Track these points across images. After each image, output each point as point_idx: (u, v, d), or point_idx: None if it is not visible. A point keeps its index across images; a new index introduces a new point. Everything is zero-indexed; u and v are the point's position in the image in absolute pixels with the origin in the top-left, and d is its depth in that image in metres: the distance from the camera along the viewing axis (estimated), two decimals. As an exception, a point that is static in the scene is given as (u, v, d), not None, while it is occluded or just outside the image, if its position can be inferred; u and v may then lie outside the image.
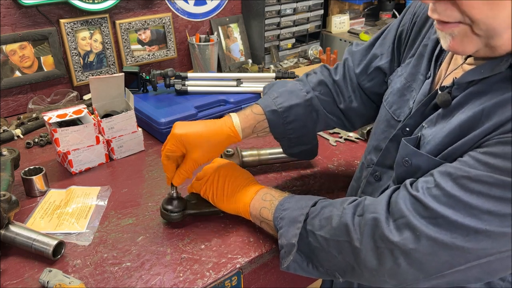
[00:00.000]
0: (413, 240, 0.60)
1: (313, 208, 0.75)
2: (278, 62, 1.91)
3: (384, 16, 2.45)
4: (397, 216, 0.63)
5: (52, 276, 0.75)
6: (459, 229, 0.58)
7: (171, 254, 0.83)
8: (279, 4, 1.84)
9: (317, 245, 0.72)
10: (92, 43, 1.53)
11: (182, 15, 1.73)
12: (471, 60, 0.67)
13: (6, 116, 1.41)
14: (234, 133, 0.88)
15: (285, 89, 0.95)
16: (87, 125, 1.08)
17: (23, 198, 0.99)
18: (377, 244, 0.64)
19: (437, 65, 0.75)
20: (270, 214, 0.81)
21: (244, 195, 0.87)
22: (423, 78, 0.77)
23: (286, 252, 0.75)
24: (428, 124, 0.70)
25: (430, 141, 0.67)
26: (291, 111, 0.92)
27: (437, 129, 0.67)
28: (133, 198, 1.00)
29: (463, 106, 0.64)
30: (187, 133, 0.84)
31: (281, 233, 0.77)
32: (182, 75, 1.42)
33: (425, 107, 0.72)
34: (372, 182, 0.83)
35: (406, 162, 0.69)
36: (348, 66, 0.97)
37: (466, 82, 0.65)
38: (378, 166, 0.82)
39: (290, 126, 0.93)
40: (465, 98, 0.64)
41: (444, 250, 0.59)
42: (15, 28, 1.38)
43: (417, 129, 0.72)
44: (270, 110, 0.91)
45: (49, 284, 0.74)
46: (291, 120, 0.92)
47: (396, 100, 0.81)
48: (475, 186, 0.57)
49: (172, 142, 0.84)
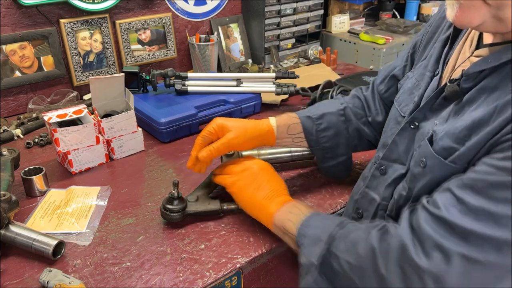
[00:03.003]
0: (444, 263, 0.56)
1: (340, 230, 0.71)
2: (278, 62, 1.91)
3: (384, 16, 2.45)
4: (423, 239, 0.59)
5: (52, 276, 0.75)
6: (490, 243, 0.54)
7: (171, 254, 0.83)
8: (279, 4, 1.84)
9: (340, 269, 0.68)
10: (92, 43, 1.53)
11: (182, 15, 1.73)
12: (478, 52, 0.67)
13: (6, 116, 1.41)
14: (270, 128, 0.94)
15: (321, 103, 1.04)
16: (87, 125, 1.08)
17: (23, 198, 0.99)
18: (404, 271, 0.60)
19: (445, 62, 0.76)
20: (295, 229, 0.77)
21: (271, 203, 0.84)
22: (430, 74, 0.77)
23: (306, 271, 0.72)
24: (440, 120, 0.69)
25: (443, 138, 0.66)
26: (324, 118, 0.97)
27: (449, 125, 0.66)
28: (133, 198, 1.00)
29: (474, 101, 0.64)
30: (228, 122, 0.91)
31: (302, 250, 0.74)
32: (182, 75, 1.42)
33: (434, 100, 0.72)
34: (377, 176, 0.83)
35: (422, 162, 0.68)
36: (375, 81, 1.02)
37: (474, 72, 0.64)
38: (384, 160, 0.81)
39: (323, 134, 0.96)
40: (476, 94, 0.64)
41: (477, 269, 0.55)
42: (15, 28, 1.38)
43: (428, 125, 0.72)
44: (305, 115, 0.97)
45: (49, 284, 0.74)
46: (325, 127, 0.96)
47: (405, 98, 0.82)
48: (498, 193, 0.54)
49: (213, 125, 0.91)
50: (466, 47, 0.72)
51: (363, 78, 1.60)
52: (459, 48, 0.74)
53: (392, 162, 0.80)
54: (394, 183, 0.78)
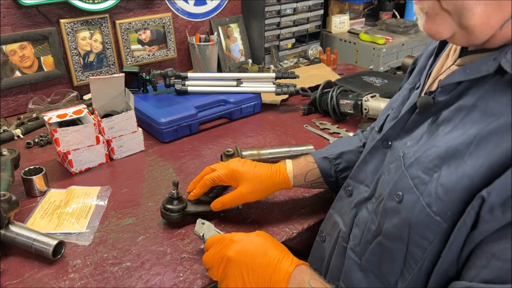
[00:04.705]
0: None
1: None
2: (278, 62, 1.91)
3: (384, 16, 2.45)
4: None
5: (206, 230, 0.78)
6: None
7: (171, 254, 0.83)
8: (279, 4, 1.84)
9: None
10: (92, 43, 1.53)
11: (182, 15, 1.73)
12: (461, 60, 0.61)
13: (6, 116, 1.42)
14: (286, 180, 0.87)
15: (339, 140, 0.96)
16: (87, 125, 1.08)
17: (23, 198, 0.99)
18: None
19: (427, 75, 0.69)
20: None
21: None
22: (409, 86, 0.73)
23: None
24: (412, 141, 0.62)
25: (412, 165, 0.58)
26: (343, 158, 0.90)
27: (420, 148, 0.59)
28: (133, 198, 1.00)
29: (450, 121, 0.57)
30: (241, 170, 0.85)
31: None
32: (182, 75, 1.42)
33: (408, 116, 0.66)
34: (343, 197, 0.77)
35: (398, 197, 0.58)
36: None
37: (450, 84, 0.58)
38: (352, 180, 0.75)
39: (343, 174, 0.90)
40: (454, 112, 0.57)
41: None
42: (15, 28, 1.38)
43: (400, 145, 0.65)
44: (321, 157, 0.90)
45: (205, 237, 0.78)
46: (343, 167, 0.90)
47: (384, 113, 0.78)
48: None
49: (225, 172, 0.86)
50: (450, 54, 0.66)
51: (363, 78, 1.60)
52: (444, 57, 0.68)
53: (359, 183, 0.73)
54: (356, 207, 0.71)
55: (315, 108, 1.44)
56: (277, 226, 0.91)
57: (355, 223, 0.70)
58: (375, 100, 1.26)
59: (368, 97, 1.27)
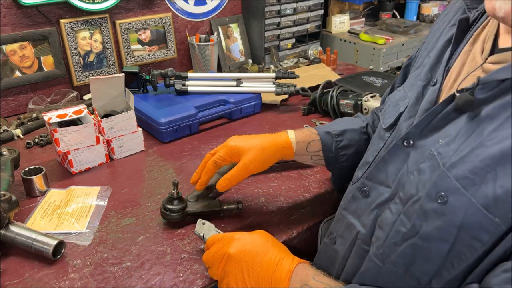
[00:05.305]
0: None
1: None
2: (278, 62, 1.91)
3: (384, 16, 2.45)
4: None
5: (207, 230, 0.79)
6: None
7: (171, 254, 0.83)
8: (279, 4, 1.84)
9: None
10: (92, 43, 1.53)
11: (182, 15, 1.73)
12: (494, 58, 0.58)
13: (6, 116, 1.42)
14: (288, 144, 0.86)
15: (342, 119, 0.97)
16: (87, 125, 1.08)
17: (23, 198, 0.99)
18: None
19: (445, 71, 0.66)
20: None
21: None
22: (422, 83, 0.70)
23: None
24: (446, 139, 0.59)
25: (456, 164, 0.55)
26: (345, 135, 0.90)
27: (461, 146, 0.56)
28: (133, 198, 1.00)
29: (495, 119, 0.54)
30: (242, 144, 0.84)
31: None
32: (182, 75, 1.42)
33: (434, 115, 0.62)
34: (358, 198, 0.72)
35: (441, 197, 0.55)
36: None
37: (494, 80, 0.55)
38: (368, 180, 0.70)
39: (343, 152, 0.90)
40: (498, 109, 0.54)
41: None
42: (15, 28, 1.38)
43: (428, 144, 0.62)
44: (324, 131, 0.91)
45: (205, 237, 0.78)
46: (345, 145, 0.90)
47: (390, 111, 0.75)
48: None
49: (225, 150, 0.85)
50: (476, 52, 0.63)
51: (363, 78, 1.60)
52: (465, 54, 0.65)
53: (378, 184, 0.69)
54: (377, 209, 0.67)
55: (315, 108, 1.44)
56: (277, 226, 0.91)
57: (378, 225, 0.66)
58: (375, 100, 1.26)
59: (368, 97, 1.27)
